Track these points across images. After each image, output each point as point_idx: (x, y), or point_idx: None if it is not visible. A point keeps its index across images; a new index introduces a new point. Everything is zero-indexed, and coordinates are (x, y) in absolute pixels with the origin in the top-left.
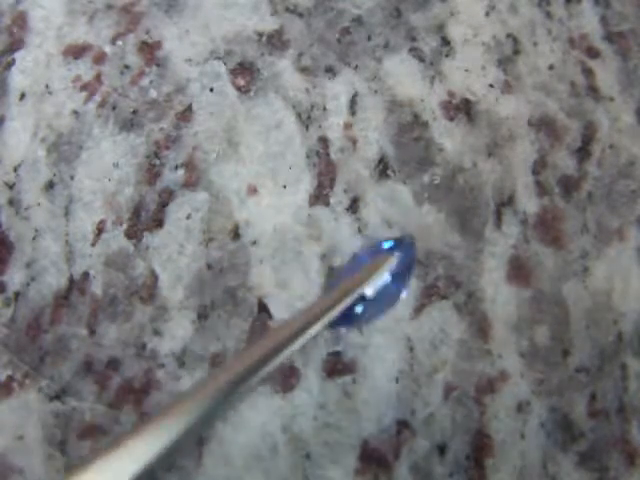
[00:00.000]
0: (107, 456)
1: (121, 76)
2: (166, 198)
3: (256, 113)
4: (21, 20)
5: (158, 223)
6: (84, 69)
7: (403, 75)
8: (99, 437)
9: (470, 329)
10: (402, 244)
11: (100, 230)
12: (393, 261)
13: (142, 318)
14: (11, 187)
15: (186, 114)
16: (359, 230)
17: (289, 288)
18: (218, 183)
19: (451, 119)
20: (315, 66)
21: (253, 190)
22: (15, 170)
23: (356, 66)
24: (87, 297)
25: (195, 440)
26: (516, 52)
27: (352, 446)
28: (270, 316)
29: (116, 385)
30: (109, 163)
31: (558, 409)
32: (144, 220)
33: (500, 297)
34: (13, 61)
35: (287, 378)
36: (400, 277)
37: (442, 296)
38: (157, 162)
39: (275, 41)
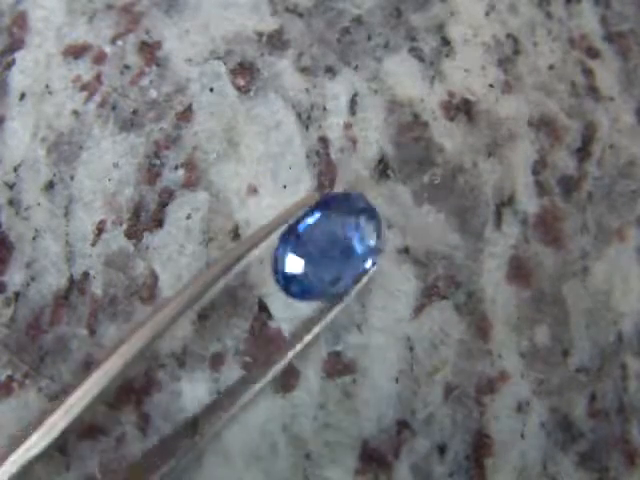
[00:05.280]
0: None
1: (121, 76)
2: (166, 198)
3: (256, 113)
4: (21, 20)
5: (158, 223)
6: (84, 69)
7: (403, 75)
8: (99, 437)
9: (470, 329)
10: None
11: (100, 230)
12: (315, 197)
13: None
14: (11, 187)
15: (186, 114)
16: None
17: None
18: (218, 183)
19: (451, 119)
20: (315, 66)
21: (253, 190)
22: (15, 170)
23: (356, 66)
24: (87, 297)
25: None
26: (516, 52)
27: (352, 446)
28: (270, 316)
29: (116, 385)
30: (109, 163)
31: (558, 409)
32: (144, 220)
33: (500, 297)
34: (13, 61)
35: (287, 378)
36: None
37: (442, 296)
38: (157, 162)
39: (275, 41)
